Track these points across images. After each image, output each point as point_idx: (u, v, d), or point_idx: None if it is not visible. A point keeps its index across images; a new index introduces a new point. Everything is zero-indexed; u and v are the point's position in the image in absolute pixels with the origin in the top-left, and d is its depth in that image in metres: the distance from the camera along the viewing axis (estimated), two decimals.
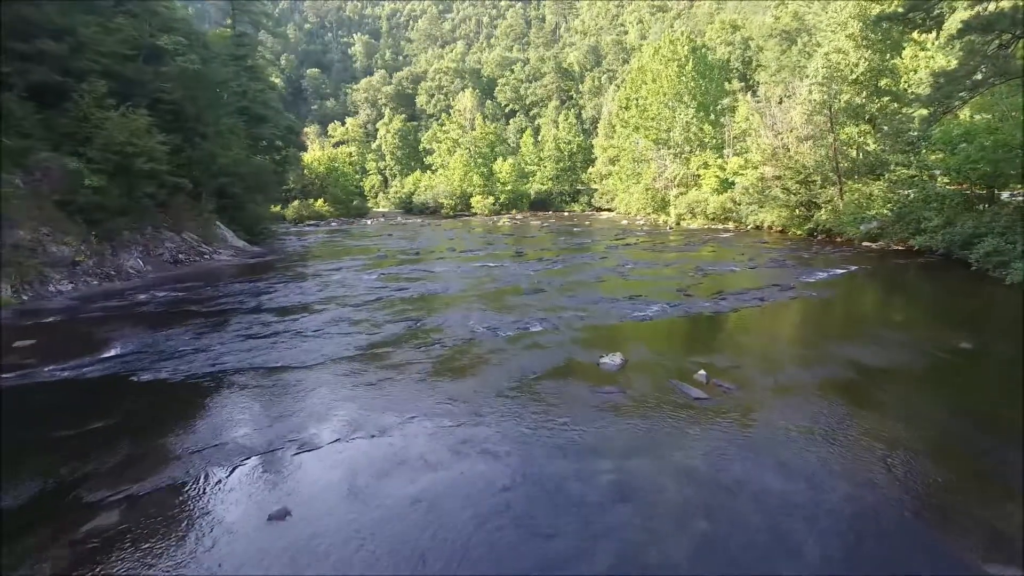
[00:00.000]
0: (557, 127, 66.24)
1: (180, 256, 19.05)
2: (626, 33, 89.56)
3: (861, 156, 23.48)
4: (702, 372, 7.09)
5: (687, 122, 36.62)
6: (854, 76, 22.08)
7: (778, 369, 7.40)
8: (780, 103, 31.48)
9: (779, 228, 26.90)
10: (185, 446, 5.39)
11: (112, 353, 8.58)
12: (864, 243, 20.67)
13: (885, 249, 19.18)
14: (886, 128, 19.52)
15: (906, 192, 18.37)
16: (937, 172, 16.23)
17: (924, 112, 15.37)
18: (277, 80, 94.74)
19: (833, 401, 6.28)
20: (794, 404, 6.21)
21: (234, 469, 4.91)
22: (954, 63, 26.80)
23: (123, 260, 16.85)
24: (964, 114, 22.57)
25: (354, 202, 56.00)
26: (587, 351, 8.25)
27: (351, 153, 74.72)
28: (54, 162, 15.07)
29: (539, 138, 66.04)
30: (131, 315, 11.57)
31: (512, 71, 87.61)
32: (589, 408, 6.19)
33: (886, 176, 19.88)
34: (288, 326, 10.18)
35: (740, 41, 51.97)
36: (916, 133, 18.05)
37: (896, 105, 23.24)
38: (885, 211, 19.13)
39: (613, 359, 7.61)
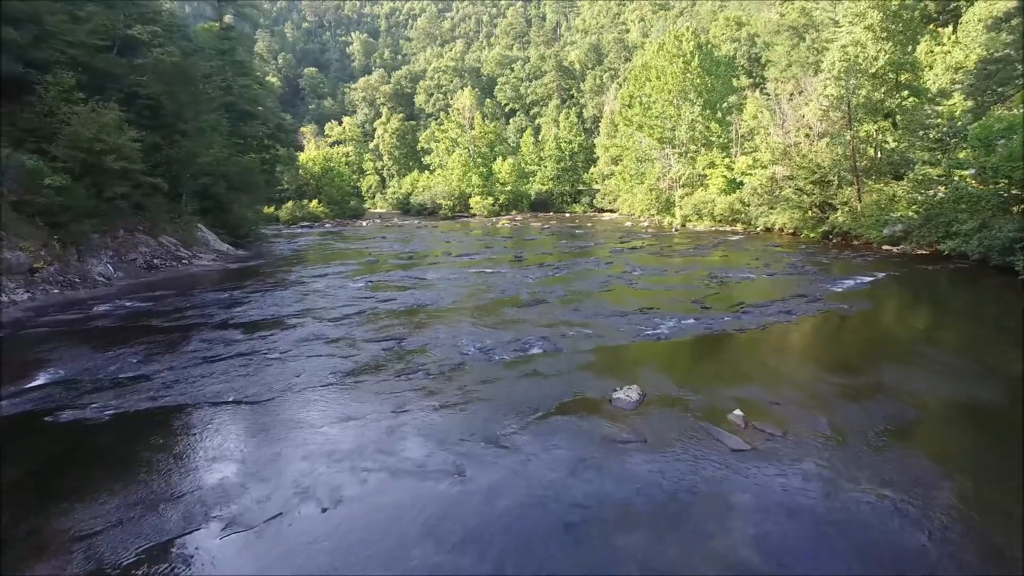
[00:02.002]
0: (558, 126, 64.88)
1: (155, 261, 17.80)
2: (627, 31, 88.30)
3: (880, 155, 22.22)
4: (738, 412, 5.84)
5: (693, 120, 35.30)
6: (873, 70, 20.80)
7: (828, 406, 6.14)
8: (791, 99, 30.27)
9: (791, 230, 25.63)
10: (76, 524, 4.13)
11: (40, 381, 7.33)
12: (884, 247, 19.45)
13: (908, 253, 17.95)
14: (911, 124, 18.26)
15: (933, 192, 17.09)
16: (969, 171, 14.95)
17: (959, 105, 14.07)
18: (274, 79, 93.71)
19: (908, 453, 5.04)
20: (859, 458, 4.95)
21: (128, 566, 3.66)
22: (973, 57, 25.74)
23: (90, 266, 15.61)
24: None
25: (350, 203, 54.67)
26: (597, 381, 7.00)
27: (348, 153, 73.33)
28: (11, 160, 13.83)
29: (539, 137, 64.69)
30: (81, 330, 10.33)
31: (512, 70, 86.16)
32: (602, 465, 4.94)
33: (910, 175, 18.61)
34: (254, 346, 8.93)
35: (746, 38, 50.70)
36: (946, 128, 16.77)
37: (915, 100, 22.02)
38: (910, 213, 17.87)
39: (628, 394, 6.36)
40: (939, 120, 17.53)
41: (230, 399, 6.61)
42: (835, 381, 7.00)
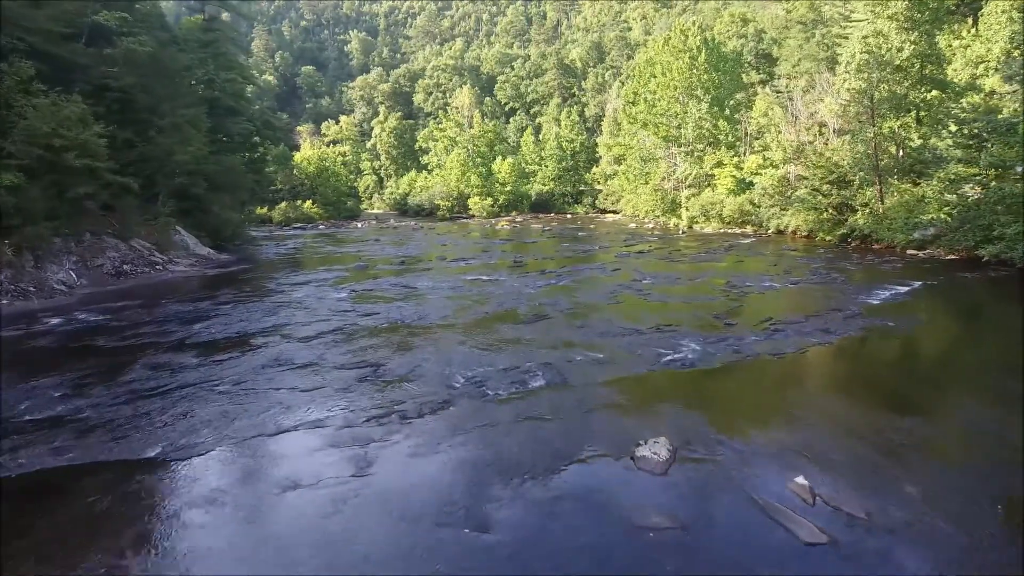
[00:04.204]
0: (559, 125, 63.44)
1: (125, 267, 16.44)
2: (629, 29, 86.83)
3: (903, 153, 20.85)
4: (801, 480, 4.47)
5: (700, 117, 33.94)
6: (898, 62, 19.44)
7: (913, 467, 4.78)
8: (804, 95, 28.95)
9: (805, 233, 24.27)
10: None
11: None
12: (908, 251, 18.12)
13: (937, 258, 16.63)
14: (943, 119, 16.90)
15: (970, 192, 15.75)
16: (1020, 169, 13.62)
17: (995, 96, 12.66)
18: (271, 78, 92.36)
19: None
20: (981, 558, 3.59)
21: None
22: (995, 50, 24.39)
23: (48, 273, 14.25)
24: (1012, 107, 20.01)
25: (346, 203, 53.24)
26: (613, 428, 5.65)
27: (344, 152, 71.87)
28: None
29: (540, 137, 63.24)
30: (13, 352, 8.97)
31: (512, 68, 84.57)
32: (628, 569, 3.57)
33: (939, 174, 17.23)
34: (205, 374, 7.57)
35: (752, 34, 49.26)
36: (984, 123, 15.40)
37: (939, 94, 20.67)
38: (942, 215, 16.50)
39: (655, 450, 4.99)
40: (974, 114, 16.12)
41: (154, 453, 5.25)
42: (911, 428, 5.62)
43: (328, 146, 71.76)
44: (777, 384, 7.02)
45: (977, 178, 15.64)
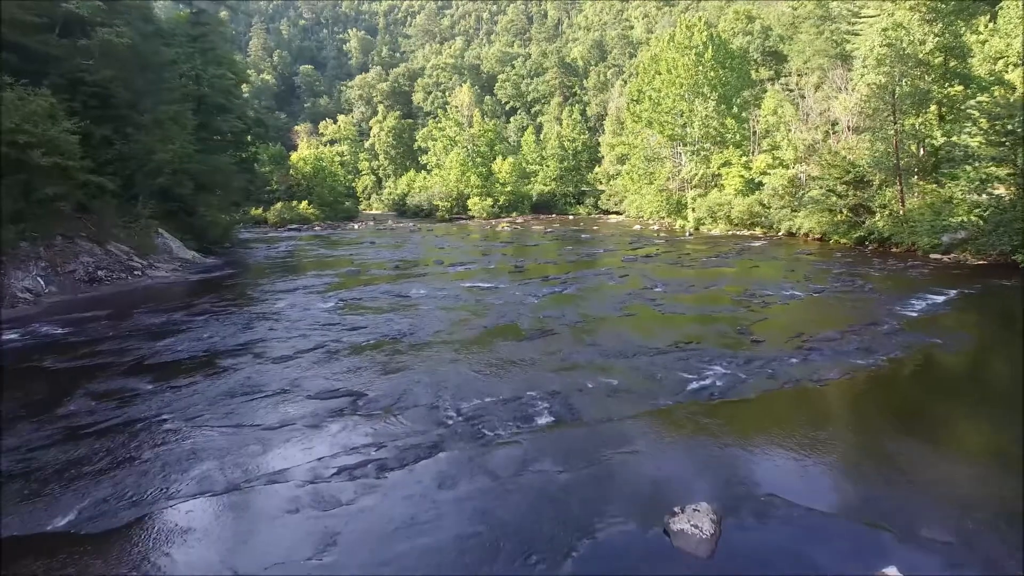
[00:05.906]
0: (560, 124, 62.36)
1: (99, 273, 15.38)
2: (631, 28, 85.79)
3: (924, 151, 19.78)
4: (893, 572, 3.41)
5: (706, 116, 32.88)
6: (920, 55, 18.38)
7: None
8: (816, 91, 27.94)
9: (818, 236, 23.22)
10: None
11: None
12: (932, 255, 17.08)
13: (963, 263, 15.60)
14: (976, 116, 15.83)
15: (1003, 194, 14.69)
16: None
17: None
18: (269, 77, 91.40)
19: None
20: None
21: None
22: (1016, 45, 23.36)
23: (13, 280, 13.20)
24: None
25: (343, 204, 52.11)
26: (639, 485, 4.58)
27: (342, 152, 70.75)
28: None
29: (541, 136, 62.17)
30: None
31: (513, 66, 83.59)
32: None
33: (971, 174, 16.15)
34: (155, 405, 6.52)
35: (759, 31, 48.17)
36: (1019, 119, 14.33)
37: (963, 89, 19.61)
38: (973, 217, 15.44)
39: (695, 520, 3.93)
40: (1009, 110, 15.02)
41: (63, 522, 4.19)
42: (1004, 483, 4.56)
43: (326, 146, 70.69)
44: (827, 421, 5.95)
45: (1012, 178, 14.58)
